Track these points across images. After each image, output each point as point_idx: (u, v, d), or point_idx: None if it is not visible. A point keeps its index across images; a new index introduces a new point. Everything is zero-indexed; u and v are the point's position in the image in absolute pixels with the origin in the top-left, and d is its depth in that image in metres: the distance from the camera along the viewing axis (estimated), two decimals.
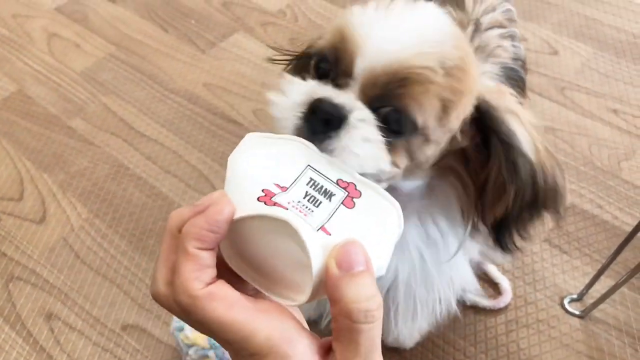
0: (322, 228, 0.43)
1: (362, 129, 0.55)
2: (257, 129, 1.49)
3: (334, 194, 0.46)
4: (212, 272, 0.41)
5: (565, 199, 0.70)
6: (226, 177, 0.46)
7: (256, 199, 0.43)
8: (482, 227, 0.73)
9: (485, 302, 1.15)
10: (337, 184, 0.47)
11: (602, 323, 1.14)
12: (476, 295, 1.16)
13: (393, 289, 0.84)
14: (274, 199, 0.43)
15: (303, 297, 0.42)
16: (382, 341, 1.08)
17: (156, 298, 0.44)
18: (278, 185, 0.45)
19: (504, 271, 1.20)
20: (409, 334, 1.07)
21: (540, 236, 1.26)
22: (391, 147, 0.58)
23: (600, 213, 1.31)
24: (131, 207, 1.33)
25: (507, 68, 0.89)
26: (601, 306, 1.13)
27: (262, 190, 0.44)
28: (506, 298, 1.15)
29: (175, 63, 1.68)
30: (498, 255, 0.88)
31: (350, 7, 0.61)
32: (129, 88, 1.61)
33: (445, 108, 0.59)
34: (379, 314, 0.39)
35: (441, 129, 0.61)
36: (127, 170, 1.41)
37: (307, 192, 0.45)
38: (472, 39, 0.86)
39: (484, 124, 0.64)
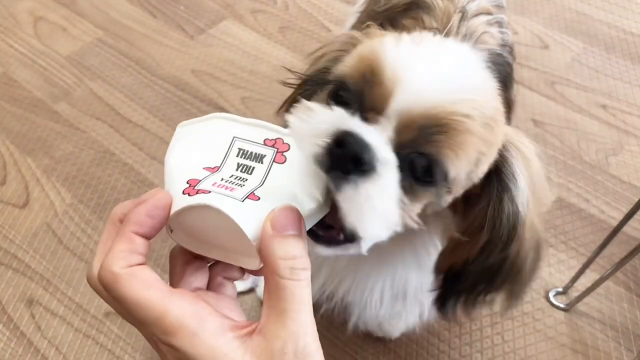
0: (249, 196, 0.45)
1: (388, 180, 0.50)
2: (244, 116, 1.48)
3: (265, 155, 0.48)
4: (140, 258, 0.43)
5: (528, 286, 0.67)
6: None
7: (181, 192, 0.45)
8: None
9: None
10: (265, 144, 0.49)
11: (586, 316, 1.14)
12: None
13: (402, 293, 0.83)
14: (198, 187, 0.46)
15: (256, 261, 0.45)
16: (369, 331, 1.08)
17: (89, 280, 0.46)
18: (209, 168, 0.48)
19: None
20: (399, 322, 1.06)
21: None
22: (410, 197, 0.54)
23: (587, 207, 1.31)
24: (116, 193, 1.32)
25: (494, 54, 0.88)
26: (586, 299, 1.13)
27: (187, 182, 0.46)
28: None
29: (164, 49, 1.66)
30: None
31: (377, 35, 0.57)
32: (116, 73, 1.58)
33: (477, 161, 0.56)
34: (305, 275, 0.41)
35: (466, 181, 0.58)
36: (113, 156, 1.39)
37: (238, 163, 0.48)
38: (459, 27, 0.85)
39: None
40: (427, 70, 0.53)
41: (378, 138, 0.50)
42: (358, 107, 0.54)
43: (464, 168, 0.55)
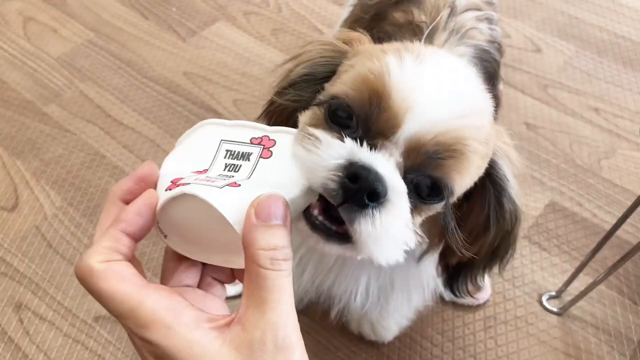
0: (230, 184, 0.45)
1: (401, 208, 0.51)
2: (236, 119, 1.46)
3: (251, 153, 0.49)
4: (120, 257, 0.43)
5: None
6: None
7: (164, 190, 0.46)
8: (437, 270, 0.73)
9: (463, 298, 1.14)
10: (251, 142, 0.49)
11: (579, 320, 1.14)
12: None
13: (389, 284, 0.84)
14: (180, 182, 0.46)
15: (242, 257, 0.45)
16: (362, 334, 1.07)
17: (75, 273, 0.45)
18: (197, 172, 0.48)
19: None
20: (397, 321, 1.06)
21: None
22: (415, 215, 0.56)
23: (579, 211, 1.31)
24: (106, 196, 1.30)
25: (481, 50, 0.89)
26: (579, 303, 1.13)
27: (171, 181, 0.46)
28: (485, 294, 1.15)
29: (155, 51, 1.64)
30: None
31: (378, 56, 0.56)
32: (107, 75, 1.57)
33: (476, 174, 0.59)
34: (286, 265, 0.41)
35: (465, 189, 0.60)
36: (103, 159, 1.38)
37: (226, 164, 0.49)
38: (447, 22, 0.86)
39: None
40: (436, 95, 0.53)
41: (389, 167, 0.51)
42: (364, 131, 0.54)
43: (467, 184, 0.58)
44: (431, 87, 0.53)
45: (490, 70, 0.92)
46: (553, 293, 1.16)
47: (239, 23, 1.74)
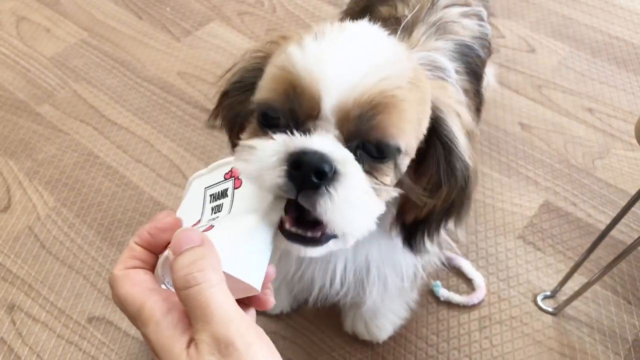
0: (206, 229, 0.49)
1: (354, 176, 0.52)
2: None
3: (227, 188, 0.54)
4: (137, 263, 0.49)
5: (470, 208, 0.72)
6: None
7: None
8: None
9: (458, 298, 1.14)
10: (225, 178, 0.54)
11: (574, 320, 1.14)
12: (450, 291, 1.15)
13: (365, 266, 0.84)
14: None
15: (253, 287, 0.49)
16: (356, 334, 1.07)
17: None
18: (193, 225, 0.53)
19: (478, 267, 1.20)
20: (388, 318, 1.06)
21: (514, 233, 1.26)
22: (378, 176, 0.58)
23: (574, 211, 1.31)
24: (100, 196, 1.30)
25: (463, 45, 0.89)
26: (574, 303, 1.13)
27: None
28: (480, 294, 1.15)
29: (149, 51, 1.64)
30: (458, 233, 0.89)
31: (282, 50, 0.58)
32: (100, 75, 1.56)
33: (419, 120, 0.59)
34: (203, 277, 0.42)
35: (416, 141, 0.61)
36: (97, 159, 1.37)
37: (212, 208, 0.54)
38: (426, 15, 0.86)
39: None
40: (339, 65, 0.54)
41: (327, 142, 0.53)
42: (294, 123, 0.56)
43: (412, 134, 0.58)
44: (334, 57, 0.54)
45: (474, 67, 0.93)
46: (548, 293, 1.17)
47: (233, 23, 1.74)
